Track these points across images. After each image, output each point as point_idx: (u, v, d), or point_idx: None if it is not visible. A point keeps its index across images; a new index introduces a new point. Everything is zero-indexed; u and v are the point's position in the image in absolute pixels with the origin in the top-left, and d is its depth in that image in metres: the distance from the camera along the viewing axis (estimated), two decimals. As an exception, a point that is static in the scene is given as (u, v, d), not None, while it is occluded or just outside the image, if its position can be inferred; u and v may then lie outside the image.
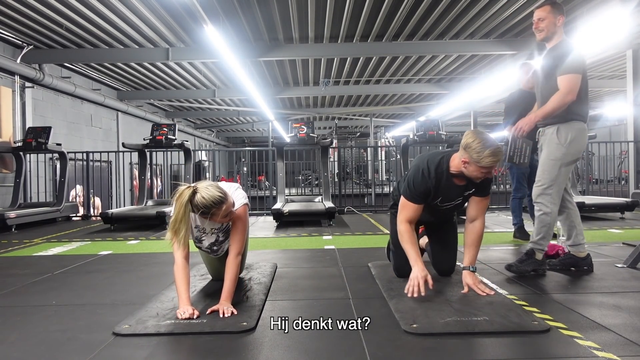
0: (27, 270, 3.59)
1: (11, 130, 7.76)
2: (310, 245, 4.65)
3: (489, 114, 18.06)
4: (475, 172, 2.47)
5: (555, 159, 3.02)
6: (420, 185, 2.60)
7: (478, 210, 2.68)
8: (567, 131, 2.99)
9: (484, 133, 2.47)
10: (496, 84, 9.84)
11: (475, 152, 2.40)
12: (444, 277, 2.96)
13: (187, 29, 7.41)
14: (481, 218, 2.69)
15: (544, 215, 3.05)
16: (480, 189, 2.64)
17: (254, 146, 23.65)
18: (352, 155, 17.95)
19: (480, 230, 2.68)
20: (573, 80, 2.92)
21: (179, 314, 2.24)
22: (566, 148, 2.99)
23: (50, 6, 6.36)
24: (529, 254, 3.12)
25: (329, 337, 2.04)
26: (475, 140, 2.41)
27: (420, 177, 2.60)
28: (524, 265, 3.10)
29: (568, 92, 2.91)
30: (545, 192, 3.04)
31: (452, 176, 2.61)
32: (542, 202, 3.06)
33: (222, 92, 12.50)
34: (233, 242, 2.48)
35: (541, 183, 3.06)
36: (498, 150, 2.40)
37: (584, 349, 1.87)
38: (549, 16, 3.01)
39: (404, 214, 2.65)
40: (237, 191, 2.56)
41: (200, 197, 2.28)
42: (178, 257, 2.36)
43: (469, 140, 2.44)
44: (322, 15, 7.03)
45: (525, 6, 6.73)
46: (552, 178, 3.02)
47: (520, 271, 3.09)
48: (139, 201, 7.24)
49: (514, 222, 4.70)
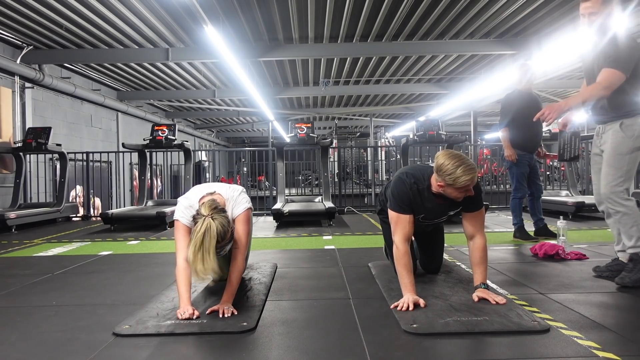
0: (27, 271, 3.59)
1: (11, 130, 7.76)
2: (311, 245, 4.65)
3: (489, 114, 18.05)
4: (453, 193, 2.41)
5: (621, 154, 2.83)
6: (403, 196, 2.54)
7: (475, 226, 2.58)
8: (633, 124, 2.81)
9: (453, 153, 2.40)
10: (496, 83, 9.83)
11: (447, 175, 2.34)
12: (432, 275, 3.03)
13: (187, 29, 7.41)
14: (480, 233, 2.58)
15: (622, 215, 2.81)
16: (469, 204, 2.55)
17: (254, 146, 23.64)
18: (352, 155, 17.95)
19: (482, 246, 2.56)
20: (615, 77, 2.75)
21: (179, 314, 2.25)
22: (633, 142, 2.80)
23: (50, 7, 6.36)
24: (635, 261, 2.79)
25: (329, 337, 2.05)
26: (445, 162, 2.35)
27: (403, 188, 2.55)
28: (633, 274, 2.77)
29: (606, 87, 2.75)
30: (614, 189, 2.82)
31: (435, 196, 2.54)
32: (614, 199, 2.82)
33: (222, 92, 12.49)
34: (236, 245, 2.48)
35: (608, 181, 2.85)
36: (470, 167, 2.32)
37: (585, 348, 1.87)
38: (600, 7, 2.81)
39: (399, 230, 2.53)
40: (241, 195, 2.57)
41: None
42: (180, 259, 2.37)
43: (440, 162, 2.37)
44: (322, 15, 7.03)
45: (525, 6, 6.73)
46: (621, 174, 2.81)
47: (634, 281, 2.74)
48: (139, 201, 7.24)
49: (514, 222, 4.69)
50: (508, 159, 4.53)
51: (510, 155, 4.49)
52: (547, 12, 6.96)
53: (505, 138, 4.52)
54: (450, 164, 2.33)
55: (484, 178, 13.84)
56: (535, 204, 4.71)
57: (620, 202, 2.81)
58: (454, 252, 4.00)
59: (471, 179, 2.34)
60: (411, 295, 2.38)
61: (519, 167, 4.54)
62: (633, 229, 2.78)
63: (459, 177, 2.32)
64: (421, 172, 2.59)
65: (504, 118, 4.56)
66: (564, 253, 3.63)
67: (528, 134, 4.51)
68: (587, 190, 8.56)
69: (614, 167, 2.85)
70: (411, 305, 2.32)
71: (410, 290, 2.41)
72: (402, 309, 2.31)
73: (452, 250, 4.09)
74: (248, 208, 2.55)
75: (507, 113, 4.54)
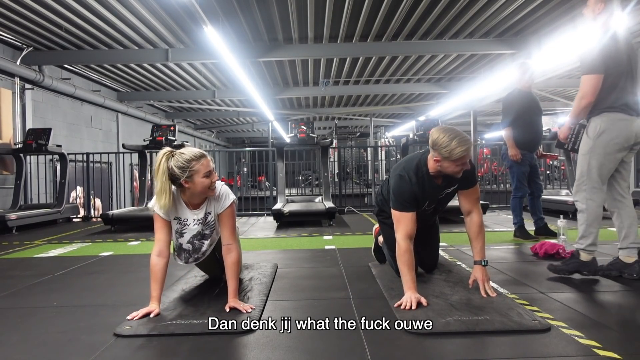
0: (28, 272, 3.59)
1: (11, 131, 7.76)
2: (311, 245, 4.65)
3: (489, 113, 18.05)
4: (450, 167, 2.44)
5: (583, 153, 2.97)
6: (405, 193, 2.54)
7: (470, 202, 2.66)
8: (597, 124, 2.90)
9: (447, 127, 2.46)
10: (496, 83, 9.83)
11: (443, 148, 2.39)
12: (428, 273, 3.05)
13: (187, 30, 7.41)
14: (476, 209, 2.65)
15: (580, 213, 2.97)
16: (464, 181, 2.61)
17: (254, 146, 23.63)
18: (352, 155, 17.94)
19: (479, 221, 2.63)
20: (585, 82, 2.86)
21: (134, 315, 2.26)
22: (593, 141, 2.90)
23: (49, 8, 6.36)
24: (574, 256, 3.02)
25: (330, 337, 2.05)
26: (440, 136, 2.40)
27: (403, 184, 2.56)
28: (566, 266, 3.02)
29: (582, 96, 2.87)
30: (579, 188, 2.97)
31: (433, 177, 2.58)
32: (577, 199, 3.00)
33: (222, 93, 12.49)
34: (224, 234, 2.48)
35: (575, 179, 3.05)
36: (464, 139, 2.38)
37: (585, 347, 1.87)
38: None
39: (402, 228, 2.52)
40: (223, 188, 2.53)
41: (178, 153, 2.30)
42: (152, 253, 2.44)
43: (434, 137, 2.43)
44: (322, 16, 7.03)
45: (524, 5, 6.73)
46: (582, 172, 2.95)
47: (563, 271, 3.01)
48: (139, 202, 7.24)
49: (514, 222, 4.69)
50: (512, 159, 4.49)
51: (515, 154, 4.46)
52: (547, 12, 6.96)
53: (510, 137, 4.48)
54: (445, 137, 2.38)
55: (484, 178, 13.84)
56: (535, 203, 4.71)
57: (583, 201, 2.96)
58: (454, 252, 4.00)
59: (467, 149, 2.38)
60: (413, 294, 2.37)
61: (520, 167, 4.53)
62: (581, 227, 2.97)
63: (455, 148, 2.36)
64: (413, 161, 2.62)
65: (507, 117, 4.53)
66: (564, 252, 3.63)
67: (529, 133, 4.51)
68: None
69: (578, 167, 3.01)
70: (414, 303, 2.31)
71: (412, 288, 2.40)
72: (406, 307, 2.31)
73: (453, 250, 4.09)
74: (233, 201, 2.51)
75: (510, 112, 4.52)
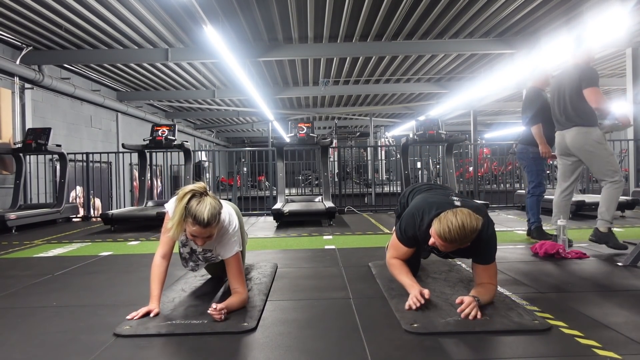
0: (27, 272, 3.59)
1: (11, 131, 7.76)
2: (311, 245, 4.65)
3: (489, 113, 18.05)
4: (438, 243, 2.27)
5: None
6: (409, 232, 2.49)
7: (483, 278, 2.41)
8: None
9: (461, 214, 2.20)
10: (496, 82, 9.84)
11: (439, 226, 2.22)
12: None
13: (187, 30, 7.41)
14: (491, 284, 2.41)
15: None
16: (475, 255, 2.41)
17: (254, 146, 23.64)
18: (352, 155, 17.93)
19: (491, 288, 2.39)
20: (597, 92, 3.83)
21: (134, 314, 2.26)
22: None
23: (49, 7, 6.36)
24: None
25: (330, 337, 2.04)
26: (448, 216, 2.23)
27: (413, 223, 2.46)
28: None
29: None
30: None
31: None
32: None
33: (221, 93, 12.50)
34: (229, 279, 2.43)
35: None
36: (459, 237, 2.18)
37: (585, 347, 1.87)
38: None
39: (394, 252, 2.56)
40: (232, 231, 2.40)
41: (195, 201, 2.18)
42: (157, 254, 2.39)
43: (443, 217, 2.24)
44: (322, 15, 7.03)
45: (524, 5, 6.73)
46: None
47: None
48: (139, 202, 7.23)
49: (531, 221, 4.48)
50: (544, 156, 4.32)
51: (547, 152, 4.29)
52: (546, 11, 6.97)
53: (541, 134, 4.30)
54: (447, 221, 2.20)
55: (484, 177, 13.83)
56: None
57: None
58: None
59: (452, 245, 2.21)
60: (417, 291, 2.32)
61: (541, 164, 4.44)
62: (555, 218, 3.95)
63: (443, 235, 2.19)
64: (432, 210, 2.39)
65: (526, 113, 4.41)
66: (564, 252, 3.63)
67: (551, 130, 4.43)
68: (588, 189, 8.56)
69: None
70: (419, 297, 2.27)
71: (413, 286, 2.39)
72: (416, 306, 2.26)
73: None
74: (237, 252, 2.40)
75: (530, 109, 4.39)
